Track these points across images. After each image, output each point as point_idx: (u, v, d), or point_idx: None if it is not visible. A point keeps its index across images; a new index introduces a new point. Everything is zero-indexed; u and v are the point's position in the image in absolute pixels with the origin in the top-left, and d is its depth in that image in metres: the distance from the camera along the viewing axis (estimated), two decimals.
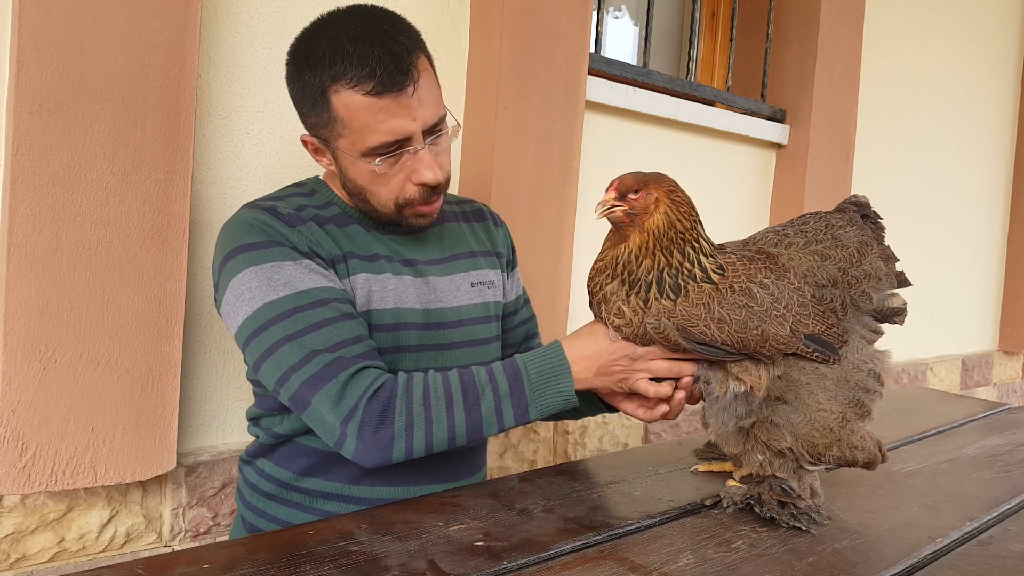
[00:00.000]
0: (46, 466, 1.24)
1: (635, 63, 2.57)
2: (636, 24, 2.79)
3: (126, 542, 1.40)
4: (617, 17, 2.76)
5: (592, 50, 2.08)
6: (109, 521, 1.38)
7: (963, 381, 3.73)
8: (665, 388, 1.05)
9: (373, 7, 1.13)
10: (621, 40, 2.78)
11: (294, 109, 1.17)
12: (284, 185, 1.30)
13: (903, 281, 1.09)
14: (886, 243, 1.10)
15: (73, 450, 1.26)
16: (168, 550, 1.44)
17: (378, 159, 1.09)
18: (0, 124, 1.24)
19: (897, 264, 1.10)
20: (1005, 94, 3.86)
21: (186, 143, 1.33)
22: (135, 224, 1.29)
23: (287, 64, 1.14)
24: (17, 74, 1.17)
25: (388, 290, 1.15)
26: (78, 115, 1.22)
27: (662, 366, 1.04)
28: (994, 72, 3.77)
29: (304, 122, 1.16)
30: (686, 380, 1.05)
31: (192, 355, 1.46)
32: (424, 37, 1.78)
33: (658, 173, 1.03)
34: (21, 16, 1.16)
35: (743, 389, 1.00)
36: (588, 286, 1.06)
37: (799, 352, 0.99)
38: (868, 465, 1.04)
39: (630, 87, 2.16)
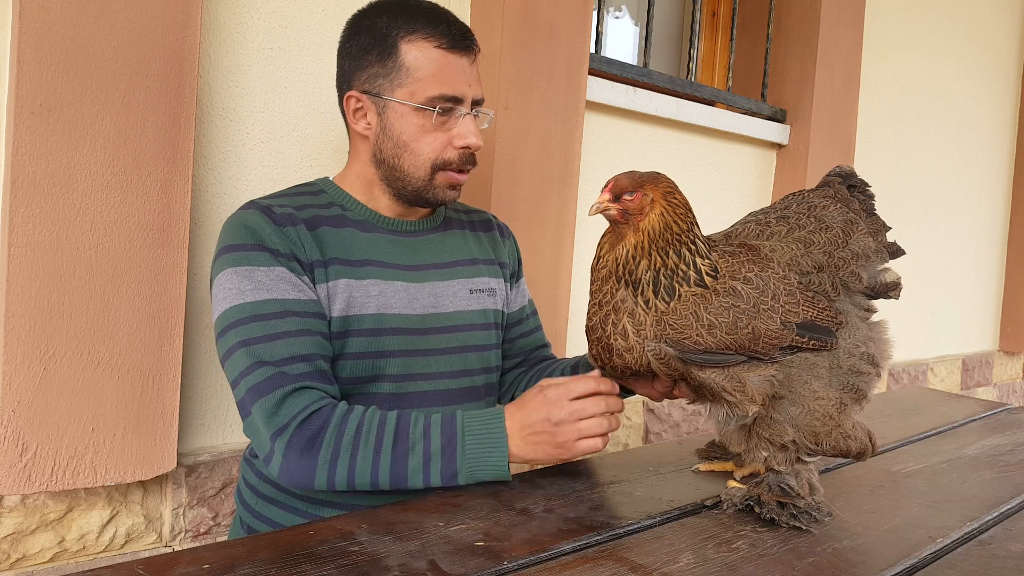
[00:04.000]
0: (46, 466, 1.24)
1: (635, 63, 2.57)
2: (636, 24, 2.79)
3: (126, 542, 1.40)
4: (617, 17, 2.76)
5: (592, 50, 2.08)
6: (109, 521, 1.38)
7: (963, 381, 3.73)
8: (601, 442, 1.06)
9: None
10: (621, 40, 2.78)
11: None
12: (290, 184, 1.31)
13: (896, 251, 1.06)
14: (876, 212, 1.07)
15: (73, 450, 1.26)
16: (168, 550, 1.44)
17: (437, 108, 1.15)
18: (0, 124, 1.24)
19: (889, 234, 1.07)
20: (1005, 94, 3.86)
21: (186, 143, 1.33)
22: (135, 224, 1.29)
23: (349, 25, 1.20)
24: (17, 74, 1.17)
25: (371, 296, 1.15)
26: (78, 115, 1.22)
27: (586, 408, 1.04)
28: (994, 72, 3.77)
29: (357, 76, 1.18)
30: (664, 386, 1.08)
31: (192, 355, 1.46)
32: None
33: (655, 173, 1.02)
34: (21, 16, 1.16)
35: (737, 412, 1.00)
36: (595, 296, 1.04)
37: (794, 344, 0.98)
38: (860, 455, 1.03)
39: (630, 87, 2.17)
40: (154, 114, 1.29)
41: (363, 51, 1.17)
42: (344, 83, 1.21)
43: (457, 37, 1.16)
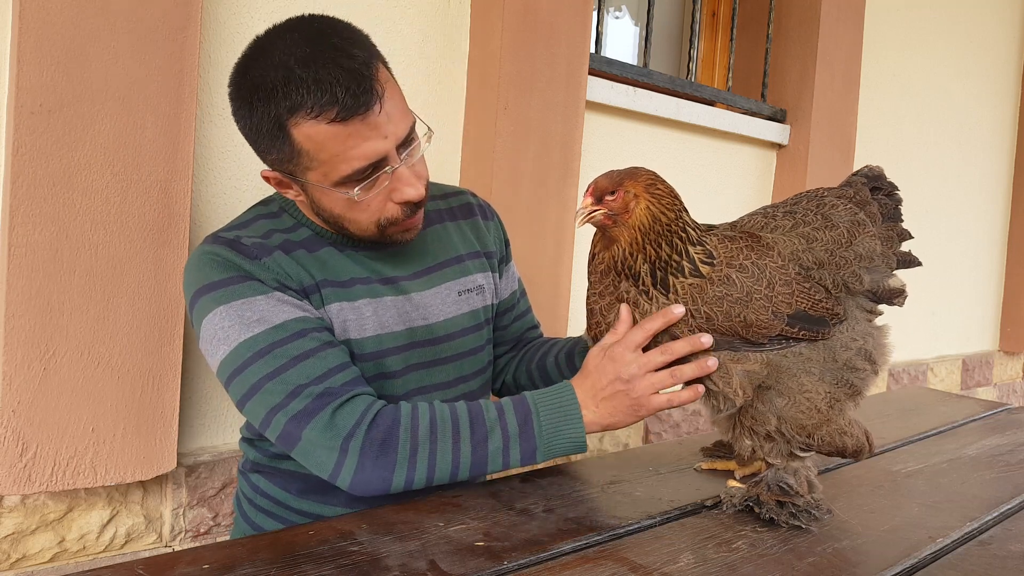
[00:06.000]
0: (46, 466, 1.24)
1: (635, 63, 2.57)
2: (636, 24, 2.79)
3: (126, 542, 1.40)
4: (617, 17, 2.76)
5: (592, 50, 2.08)
6: (109, 521, 1.38)
7: (964, 381, 3.73)
8: (686, 394, 1.01)
9: (314, 18, 1.02)
10: (621, 40, 2.78)
11: None
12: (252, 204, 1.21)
13: (909, 261, 1.05)
14: (900, 218, 1.06)
15: (73, 450, 1.26)
16: (168, 550, 1.44)
17: (356, 188, 1.02)
18: (0, 124, 1.24)
19: (907, 244, 1.06)
20: (1005, 94, 3.86)
21: (186, 143, 1.33)
22: (135, 224, 1.29)
23: (231, 98, 1.03)
24: (17, 74, 1.17)
25: (366, 317, 1.09)
26: (78, 115, 1.22)
27: (653, 360, 0.99)
28: (994, 72, 3.77)
29: (263, 158, 1.06)
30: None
31: (192, 355, 1.46)
32: (424, 38, 1.79)
33: (633, 168, 1.02)
34: (21, 16, 1.16)
35: (714, 402, 1.01)
36: (595, 287, 1.04)
37: (784, 334, 0.98)
38: (857, 454, 1.03)
39: (630, 87, 2.17)
40: (154, 114, 1.29)
41: (254, 136, 1.03)
42: (257, 155, 1.07)
43: (349, 101, 0.95)
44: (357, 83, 0.96)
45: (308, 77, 0.95)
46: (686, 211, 1.01)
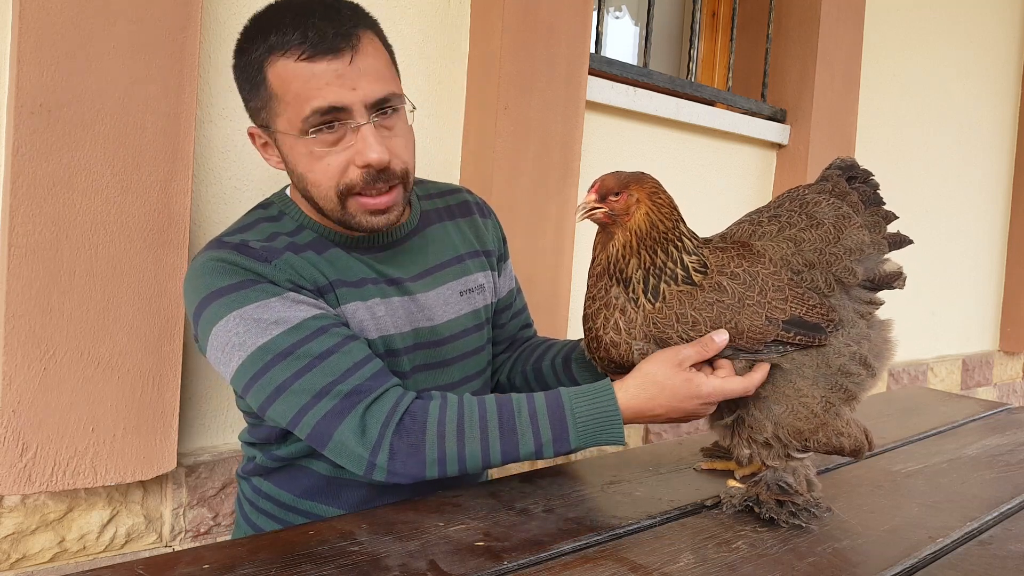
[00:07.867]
0: (46, 466, 1.24)
1: (635, 63, 2.57)
2: (636, 24, 2.80)
3: (127, 542, 1.40)
4: (617, 17, 2.76)
5: (592, 50, 2.08)
6: (110, 521, 1.38)
7: (964, 381, 3.73)
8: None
9: None
10: (621, 40, 2.78)
11: None
12: (255, 204, 1.20)
13: (899, 241, 1.05)
14: (881, 202, 1.06)
15: (73, 450, 1.26)
16: (168, 550, 1.44)
17: (311, 131, 1.00)
18: (0, 124, 1.24)
19: (892, 224, 1.06)
20: (1005, 94, 3.86)
21: (186, 143, 1.33)
22: (135, 224, 1.29)
23: (233, 55, 1.09)
24: (17, 74, 1.17)
25: (378, 317, 1.09)
26: (78, 115, 1.22)
27: (737, 388, 0.99)
28: (994, 72, 3.76)
29: (248, 111, 1.10)
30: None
31: (193, 355, 1.46)
32: (424, 38, 1.79)
33: (640, 173, 1.03)
34: (21, 16, 1.16)
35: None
36: (591, 291, 1.05)
37: (779, 339, 0.98)
38: (855, 453, 1.04)
39: (630, 87, 2.17)
40: (154, 114, 1.29)
41: (241, 84, 1.07)
42: (246, 110, 1.11)
43: (317, 40, 0.98)
44: (332, 28, 0.99)
45: (291, 21, 1.00)
46: (683, 222, 1.02)
